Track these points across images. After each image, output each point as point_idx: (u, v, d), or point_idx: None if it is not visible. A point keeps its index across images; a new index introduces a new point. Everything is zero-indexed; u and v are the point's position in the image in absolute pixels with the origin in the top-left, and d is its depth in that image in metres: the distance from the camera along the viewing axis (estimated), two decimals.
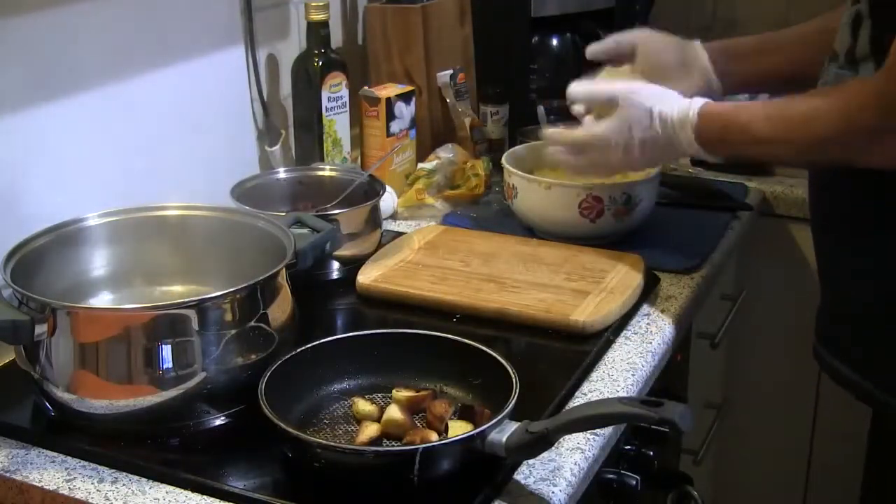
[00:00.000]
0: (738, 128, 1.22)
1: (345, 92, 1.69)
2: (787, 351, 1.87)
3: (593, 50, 1.47)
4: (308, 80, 1.66)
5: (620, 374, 1.23)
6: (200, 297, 1.09)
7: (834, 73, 1.20)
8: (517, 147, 1.73)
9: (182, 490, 1.02)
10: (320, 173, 1.58)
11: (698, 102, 1.26)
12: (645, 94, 1.29)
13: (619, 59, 1.45)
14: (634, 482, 1.24)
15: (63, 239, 1.22)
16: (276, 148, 1.69)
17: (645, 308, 1.39)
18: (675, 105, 1.26)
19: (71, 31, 1.33)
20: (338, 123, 1.70)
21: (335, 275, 1.46)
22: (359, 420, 1.10)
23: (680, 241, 1.57)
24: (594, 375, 1.23)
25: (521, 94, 2.00)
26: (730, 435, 1.96)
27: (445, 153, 1.76)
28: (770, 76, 1.43)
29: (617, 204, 1.51)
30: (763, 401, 2.01)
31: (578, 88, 1.35)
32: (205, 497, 1.01)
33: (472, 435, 0.99)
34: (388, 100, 1.72)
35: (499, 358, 1.10)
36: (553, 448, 1.02)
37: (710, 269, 1.53)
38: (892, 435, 1.30)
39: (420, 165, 1.76)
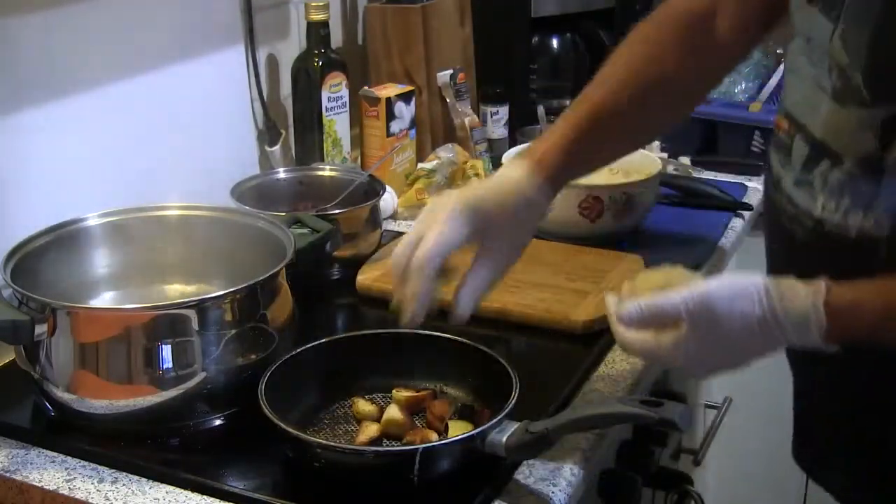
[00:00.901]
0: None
1: (345, 92, 1.69)
2: (786, 350, 1.87)
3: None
4: (308, 80, 1.66)
5: (620, 374, 1.23)
6: (200, 297, 1.09)
7: (840, 180, 0.97)
8: (517, 147, 1.73)
9: (182, 490, 1.02)
10: (320, 173, 1.58)
11: (817, 295, 0.90)
12: (732, 296, 0.92)
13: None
14: (634, 482, 1.24)
15: (63, 239, 1.22)
16: (276, 148, 1.69)
17: None
18: (779, 306, 0.91)
19: (71, 32, 1.33)
20: (338, 123, 1.70)
21: (335, 275, 1.46)
22: (359, 420, 1.10)
23: (680, 241, 1.57)
24: (594, 375, 1.23)
25: (521, 94, 2.00)
26: (730, 435, 1.96)
27: (445, 153, 1.76)
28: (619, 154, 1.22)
29: (617, 204, 1.51)
30: (763, 401, 2.01)
31: (633, 312, 0.96)
32: (205, 497, 1.01)
33: (472, 435, 0.99)
34: (388, 100, 1.72)
35: (499, 358, 1.10)
36: (553, 448, 1.02)
37: (710, 269, 1.53)
38: None
39: (420, 165, 1.76)
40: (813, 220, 1.01)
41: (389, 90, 1.74)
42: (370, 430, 1.06)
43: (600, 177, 1.64)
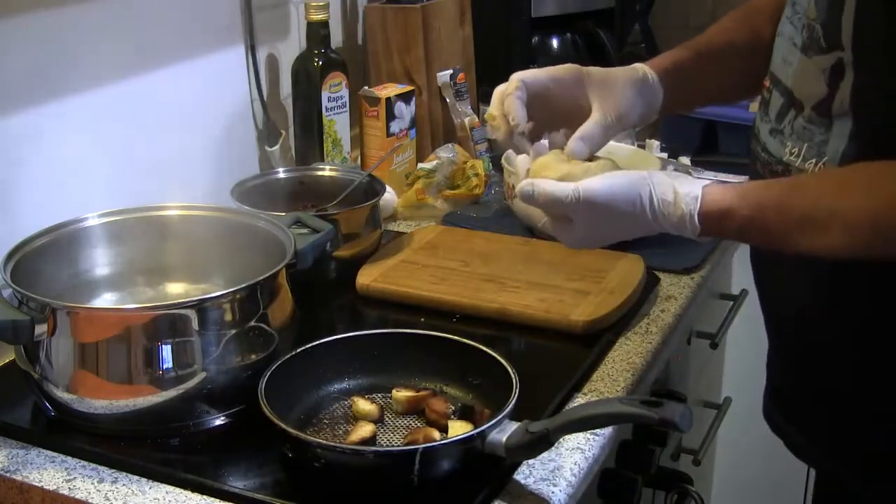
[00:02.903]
0: (758, 231, 1.01)
1: (345, 92, 1.69)
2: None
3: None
4: (308, 80, 1.66)
5: (620, 374, 1.23)
6: (200, 297, 1.09)
7: (801, 126, 1.05)
8: None
9: (182, 490, 1.02)
10: (320, 173, 1.58)
11: (693, 207, 1.01)
12: (608, 199, 1.03)
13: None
14: (634, 482, 1.24)
15: (63, 239, 1.22)
16: (276, 148, 1.69)
17: (645, 308, 1.39)
18: (658, 210, 1.03)
19: (71, 32, 1.33)
20: (338, 123, 1.70)
21: (335, 275, 1.46)
22: (358, 420, 1.10)
23: (680, 241, 1.56)
24: (594, 375, 1.23)
25: None
26: (730, 435, 1.96)
27: (445, 153, 1.76)
28: (714, 91, 1.28)
29: None
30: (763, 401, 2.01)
31: (526, 192, 1.06)
32: (205, 497, 1.01)
33: (472, 435, 0.99)
34: (388, 100, 1.72)
35: (499, 358, 1.10)
36: (553, 448, 1.02)
37: (710, 269, 1.53)
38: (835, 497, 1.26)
39: (420, 165, 1.76)
40: (782, 164, 1.07)
41: (389, 90, 1.74)
42: (363, 430, 1.06)
43: None
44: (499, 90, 1.18)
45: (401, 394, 1.12)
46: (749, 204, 1.00)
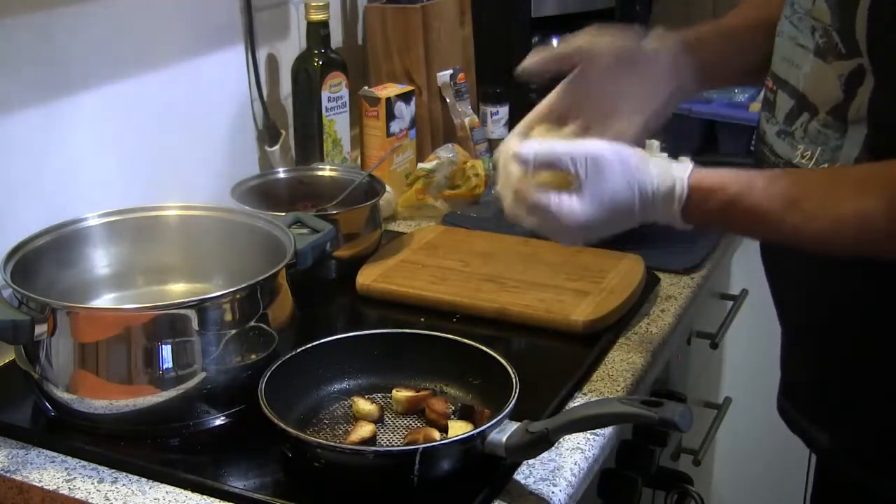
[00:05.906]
0: (744, 209, 0.99)
1: (345, 92, 1.69)
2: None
3: (531, 65, 1.22)
4: (308, 80, 1.66)
5: (620, 374, 1.23)
6: (200, 297, 1.09)
7: (816, 129, 1.04)
8: None
9: (182, 490, 1.02)
10: (320, 173, 1.58)
11: (684, 170, 1.02)
12: (620, 159, 1.03)
13: (559, 71, 1.22)
14: (634, 482, 1.24)
15: (63, 239, 1.22)
16: (276, 148, 1.69)
17: (645, 308, 1.39)
18: (654, 174, 1.02)
19: (70, 32, 1.33)
20: (338, 123, 1.70)
21: (335, 275, 1.46)
22: (358, 420, 1.10)
23: (680, 241, 1.57)
24: (594, 375, 1.23)
25: (521, 94, 2.00)
26: (730, 435, 1.96)
27: (445, 153, 1.76)
28: (736, 63, 1.25)
29: None
30: (763, 401, 2.01)
31: (532, 149, 1.03)
32: (205, 497, 1.01)
33: (472, 435, 0.99)
34: (388, 100, 1.72)
35: (499, 358, 1.10)
36: (553, 448, 1.02)
37: (710, 269, 1.53)
38: (835, 484, 1.27)
39: (420, 165, 1.76)
40: (791, 167, 1.07)
41: (389, 90, 1.74)
42: (363, 430, 1.06)
43: None
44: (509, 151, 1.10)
45: (401, 394, 1.12)
46: (738, 181, 0.99)
